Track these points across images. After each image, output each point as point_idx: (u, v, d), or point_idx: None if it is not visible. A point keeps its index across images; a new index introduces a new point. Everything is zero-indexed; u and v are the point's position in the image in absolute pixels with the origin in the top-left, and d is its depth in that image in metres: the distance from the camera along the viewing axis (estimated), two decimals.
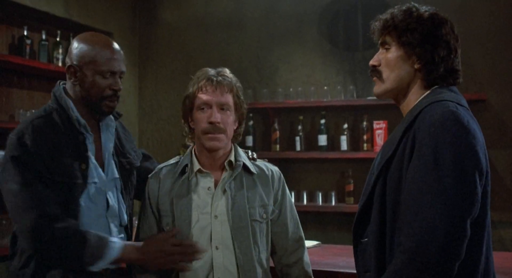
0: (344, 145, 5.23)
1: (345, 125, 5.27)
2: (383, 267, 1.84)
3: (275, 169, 2.52)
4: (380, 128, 5.05)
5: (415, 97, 1.95)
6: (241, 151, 2.47)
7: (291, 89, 5.46)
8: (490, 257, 1.87)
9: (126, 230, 2.46)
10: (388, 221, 1.85)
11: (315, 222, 5.40)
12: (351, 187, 5.19)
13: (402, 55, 1.95)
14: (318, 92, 5.40)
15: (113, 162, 2.39)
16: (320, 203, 5.30)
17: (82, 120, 2.27)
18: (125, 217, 2.42)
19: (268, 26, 5.67)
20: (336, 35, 5.52)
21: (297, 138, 5.36)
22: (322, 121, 5.29)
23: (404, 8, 1.98)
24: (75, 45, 2.30)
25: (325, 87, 5.38)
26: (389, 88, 1.99)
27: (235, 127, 2.42)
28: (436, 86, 1.93)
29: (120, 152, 2.45)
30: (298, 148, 5.35)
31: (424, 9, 1.97)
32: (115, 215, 2.36)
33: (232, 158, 2.40)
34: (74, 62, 2.27)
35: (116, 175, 2.39)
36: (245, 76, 5.63)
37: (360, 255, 1.97)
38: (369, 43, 5.23)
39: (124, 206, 2.43)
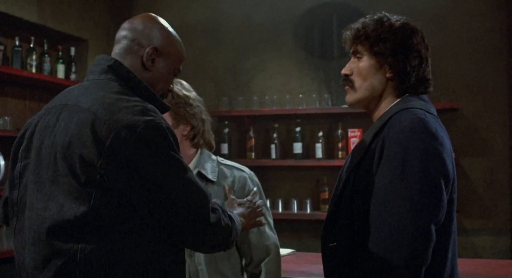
0: (319, 153, 5.26)
1: (320, 133, 5.30)
2: (350, 272, 1.85)
3: (240, 174, 2.49)
4: (354, 136, 5.08)
5: (386, 106, 1.97)
6: (206, 158, 2.47)
7: (266, 97, 5.48)
8: (455, 263, 1.90)
9: None
10: (356, 226, 1.86)
11: (290, 229, 5.41)
12: (326, 195, 5.21)
13: (374, 65, 1.96)
14: (293, 100, 5.42)
15: None
16: (295, 211, 5.31)
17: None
18: None
19: (243, 34, 5.69)
20: (312, 44, 5.56)
21: (273, 146, 5.37)
22: (297, 129, 5.31)
23: (375, 17, 1.99)
24: (159, 26, 2.02)
25: (300, 95, 5.41)
26: (361, 97, 2.00)
27: (185, 133, 2.43)
28: (406, 95, 1.96)
29: None
30: (273, 155, 5.36)
31: (395, 18, 1.98)
32: None
33: (191, 166, 2.41)
34: (158, 47, 1.96)
35: None
36: (220, 84, 5.64)
37: (328, 260, 1.97)
38: (344, 52, 5.24)
39: None
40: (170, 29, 2.04)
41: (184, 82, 2.52)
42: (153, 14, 2.07)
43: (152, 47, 1.94)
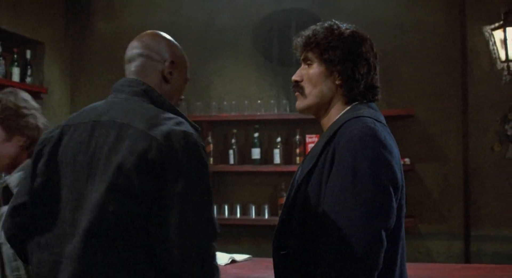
0: (277, 158, 5.28)
1: (278, 139, 5.32)
2: None
3: None
4: (312, 142, 5.11)
5: (336, 112, 2.00)
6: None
7: (225, 103, 5.48)
8: (404, 268, 1.94)
9: None
10: (307, 234, 1.88)
11: (248, 235, 5.41)
12: (284, 200, 5.22)
13: (324, 72, 1.99)
14: (252, 105, 5.44)
15: None
16: (253, 216, 5.31)
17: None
18: None
19: (203, 39, 5.68)
20: (271, 50, 5.59)
21: (231, 151, 5.37)
22: (256, 134, 5.32)
23: (326, 25, 2.02)
24: (170, 42, 2.12)
25: (259, 101, 5.43)
26: (311, 103, 2.03)
27: (20, 144, 2.53)
28: (356, 103, 1.99)
29: None
30: (231, 161, 5.36)
31: (345, 27, 2.02)
32: None
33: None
34: (176, 60, 2.08)
35: None
36: None
37: (280, 267, 1.99)
38: None
39: None
40: (175, 42, 2.14)
41: (20, 93, 2.60)
42: (158, 31, 2.16)
43: (171, 61, 2.04)
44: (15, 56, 5.14)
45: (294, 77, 2.06)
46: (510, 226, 4.95)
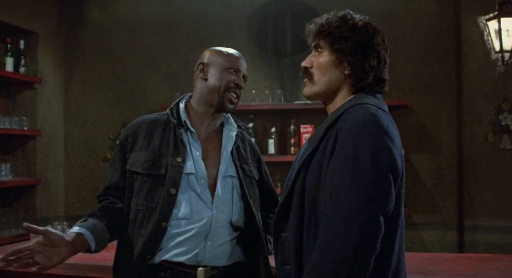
0: (271, 149, 5.29)
1: (273, 129, 5.33)
2: (301, 261, 1.89)
3: None
4: (307, 132, 5.13)
5: (341, 100, 2.01)
6: None
7: None
8: (402, 257, 1.94)
9: (243, 233, 2.53)
10: (306, 216, 1.90)
11: None
12: (279, 190, 5.23)
13: (334, 61, 2.00)
14: (246, 96, 5.43)
15: (232, 162, 2.58)
16: None
17: (184, 117, 2.53)
18: (236, 217, 2.50)
19: (197, 29, 5.66)
20: (265, 40, 5.57)
21: None
22: (250, 125, 5.32)
23: (339, 14, 2.03)
24: (208, 52, 2.60)
25: (253, 91, 5.43)
26: (318, 91, 2.04)
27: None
28: (361, 92, 2.00)
29: (242, 158, 2.64)
30: None
31: (358, 18, 2.02)
32: (220, 210, 2.46)
33: None
34: (205, 61, 2.56)
35: (231, 173, 2.55)
36: (173, 79, 5.61)
37: (280, 249, 2.01)
38: (297, 48, 5.31)
39: (240, 206, 2.52)
40: (215, 48, 2.61)
41: None
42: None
43: (199, 62, 2.57)
44: (9, 46, 5.12)
45: (304, 63, 2.07)
46: (503, 216, 4.97)
